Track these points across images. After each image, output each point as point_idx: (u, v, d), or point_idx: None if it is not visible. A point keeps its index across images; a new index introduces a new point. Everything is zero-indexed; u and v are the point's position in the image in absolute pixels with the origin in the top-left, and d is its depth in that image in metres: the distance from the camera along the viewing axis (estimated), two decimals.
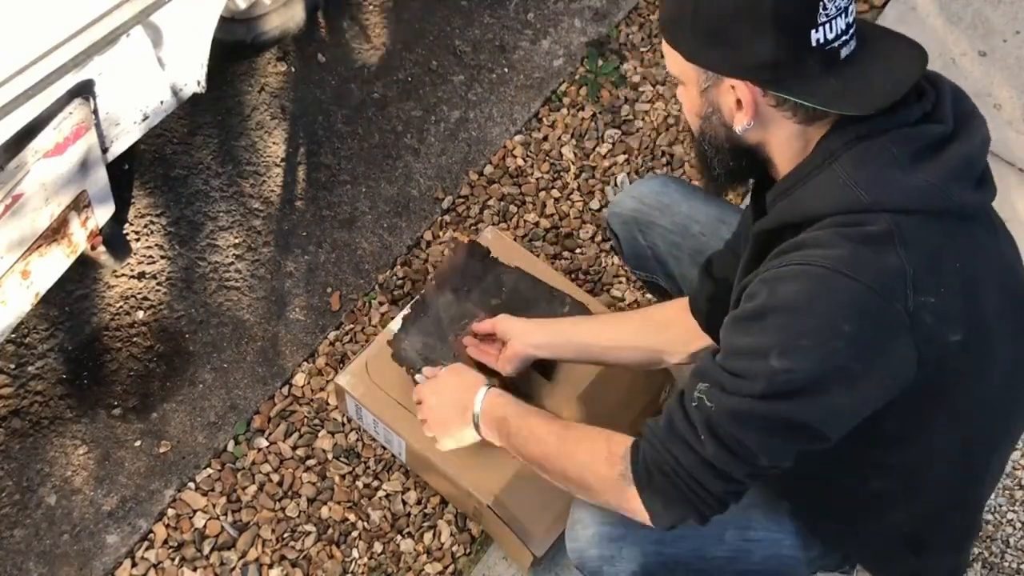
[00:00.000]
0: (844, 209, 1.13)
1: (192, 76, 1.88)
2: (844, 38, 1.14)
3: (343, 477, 2.01)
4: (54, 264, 1.76)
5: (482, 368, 1.77)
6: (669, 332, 1.61)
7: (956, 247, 1.15)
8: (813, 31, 1.11)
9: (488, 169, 2.43)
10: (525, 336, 1.71)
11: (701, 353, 1.53)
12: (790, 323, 1.12)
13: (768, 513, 1.47)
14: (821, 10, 1.10)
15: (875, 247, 1.10)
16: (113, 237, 2.01)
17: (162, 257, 2.21)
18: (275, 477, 2.00)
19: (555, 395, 1.88)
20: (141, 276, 2.18)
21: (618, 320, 1.83)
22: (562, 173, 2.43)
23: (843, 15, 1.13)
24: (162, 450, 2.02)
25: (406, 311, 1.94)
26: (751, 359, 1.14)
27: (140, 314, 2.14)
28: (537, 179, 2.42)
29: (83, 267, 2.12)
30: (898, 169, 1.12)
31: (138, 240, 2.20)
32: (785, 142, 1.20)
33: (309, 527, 1.96)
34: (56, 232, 1.71)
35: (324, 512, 1.98)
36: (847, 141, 1.15)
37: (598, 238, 2.34)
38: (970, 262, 1.16)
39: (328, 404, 2.08)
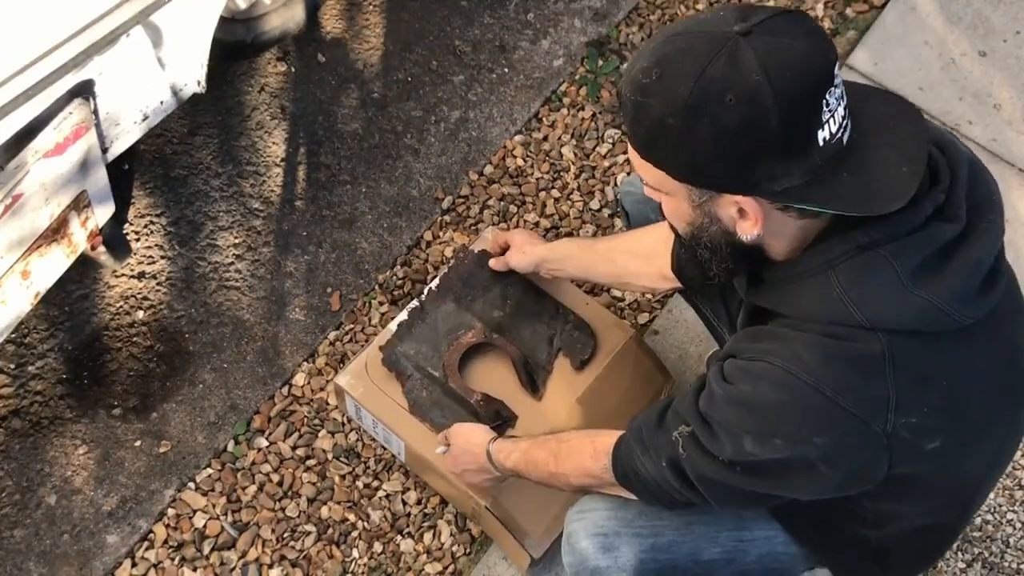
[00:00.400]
0: (837, 322, 1.09)
1: (192, 76, 1.88)
2: (845, 121, 1.05)
3: (343, 477, 2.01)
4: (54, 264, 1.76)
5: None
6: (651, 265, 1.65)
7: (948, 363, 1.12)
8: (819, 131, 1.02)
9: (488, 169, 2.43)
10: (538, 244, 1.91)
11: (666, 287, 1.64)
12: (768, 423, 1.13)
13: (760, 511, 1.48)
14: (824, 107, 1.01)
15: (864, 371, 1.08)
16: (113, 237, 2.00)
17: (162, 257, 2.21)
18: (275, 477, 2.00)
19: (554, 400, 1.89)
20: (141, 276, 2.18)
21: (606, 244, 1.83)
22: (562, 173, 2.43)
23: (841, 101, 1.04)
24: (162, 450, 2.02)
25: (403, 316, 1.95)
26: (729, 433, 1.17)
27: (140, 314, 2.14)
28: (537, 179, 2.42)
29: (83, 267, 2.12)
30: (897, 287, 1.06)
31: (138, 240, 2.20)
32: (787, 238, 1.14)
33: (309, 527, 1.96)
34: (56, 232, 1.71)
35: (324, 512, 1.98)
36: (847, 250, 1.08)
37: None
38: (962, 374, 1.13)
39: (328, 404, 2.08)
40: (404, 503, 1.99)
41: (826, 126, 1.02)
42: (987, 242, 1.10)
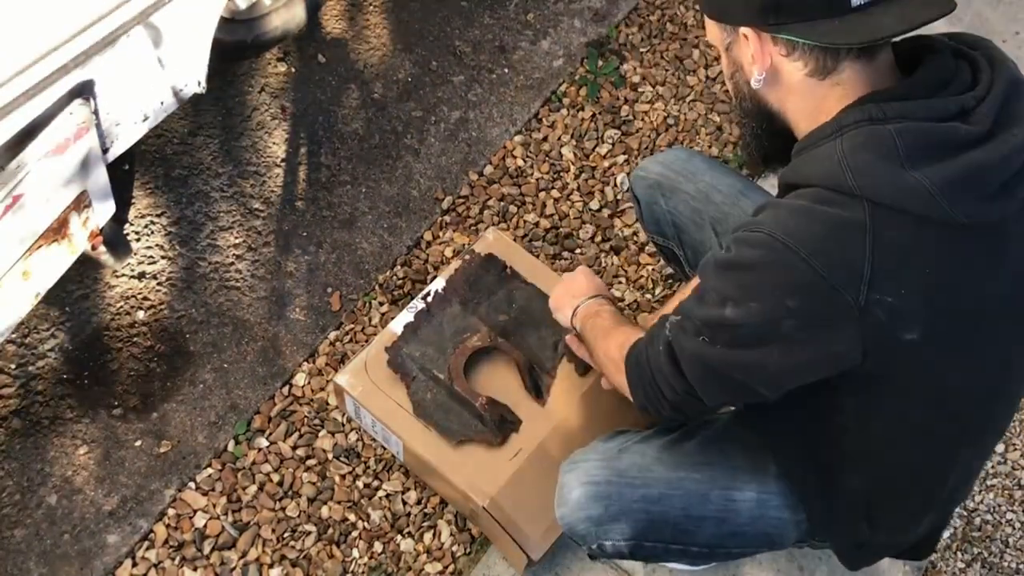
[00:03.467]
0: (830, 184, 1.13)
1: (193, 76, 1.88)
2: None
3: (343, 477, 2.01)
4: (54, 264, 1.76)
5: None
6: None
7: (935, 254, 1.12)
8: None
9: (488, 169, 2.43)
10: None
11: None
12: (745, 284, 1.18)
13: (755, 475, 1.49)
14: None
15: (841, 237, 1.11)
16: (113, 237, 2.00)
17: (162, 257, 2.21)
18: (275, 477, 2.01)
19: (557, 404, 1.89)
20: (141, 276, 2.18)
21: None
22: (562, 173, 2.43)
23: None
24: (162, 450, 2.02)
25: (409, 317, 1.95)
26: (714, 298, 1.22)
27: (140, 314, 2.14)
28: (537, 179, 2.42)
29: (83, 267, 2.13)
30: (894, 161, 1.10)
31: (138, 240, 2.21)
32: (800, 101, 1.21)
33: (309, 527, 1.96)
34: (56, 232, 1.71)
35: (324, 512, 1.98)
36: (858, 120, 1.13)
37: (598, 238, 2.34)
38: (951, 272, 1.14)
39: (328, 404, 2.08)
40: (404, 503, 1.99)
41: None
42: (1004, 149, 1.12)
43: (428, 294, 1.98)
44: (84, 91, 1.64)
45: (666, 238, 1.87)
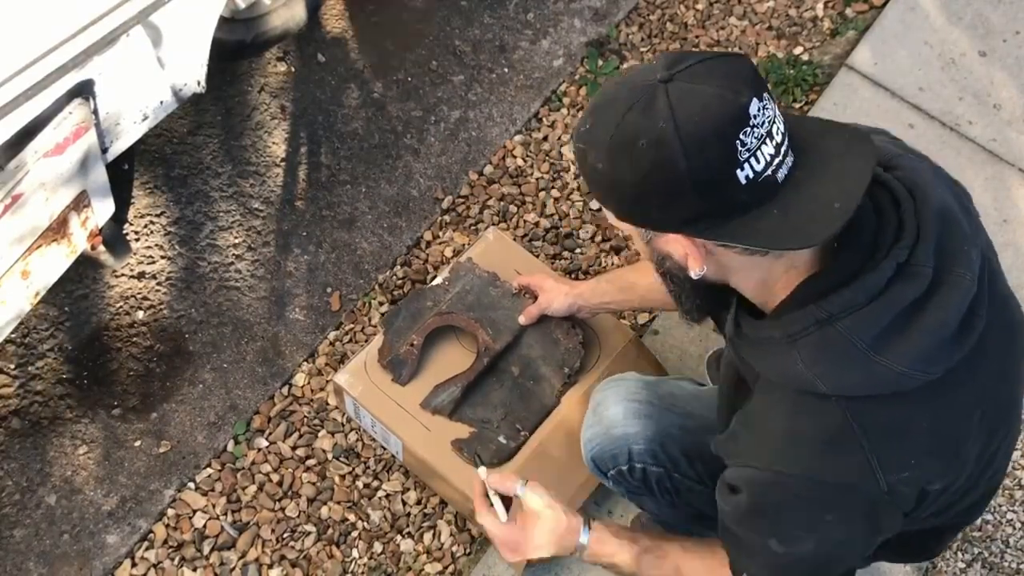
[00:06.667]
0: (802, 388, 1.11)
1: (192, 76, 1.88)
2: (777, 160, 1.04)
3: (343, 477, 2.01)
4: (54, 264, 1.76)
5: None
6: None
7: (926, 413, 1.12)
8: (738, 170, 1.03)
9: (488, 169, 2.43)
10: (569, 286, 1.86)
11: None
12: (779, 522, 1.19)
13: None
14: (740, 147, 1.02)
15: (835, 444, 1.11)
16: (113, 237, 2.00)
17: (162, 257, 2.21)
18: (275, 477, 2.00)
19: (566, 399, 1.89)
20: (141, 276, 2.18)
21: (644, 282, 1.74)
22: (562, 173, 2.43)
23: (768, 139, 1.04)
24: (162, 450, 2.02)
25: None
26: (757, 546, 1.21)
27: (140, 314, 2.14)
28: (537, 179, 2.42)
29: (83, 267, 2.12)
30: (858, 358, 1.07)
31: (138, 240, 2.20)
32: (746, 278, 1.16)
33: (309, 527, 1.96)
34: (56, 232, 1.71)
35: (324, 512, 1.97)
36: (806, 326, 1.09)
37: (598, 238, 2.34)
38: (944, 419, 1.13)
39: (328, 404, 2.08)
40: (404, 503, 1.99)
41: (747, 165, 1.03)
42: (955, 296, 1.09)
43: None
44: (83, 91, 1.64)
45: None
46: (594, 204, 2.38)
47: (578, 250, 2.31)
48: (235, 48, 2.26)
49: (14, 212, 1.58)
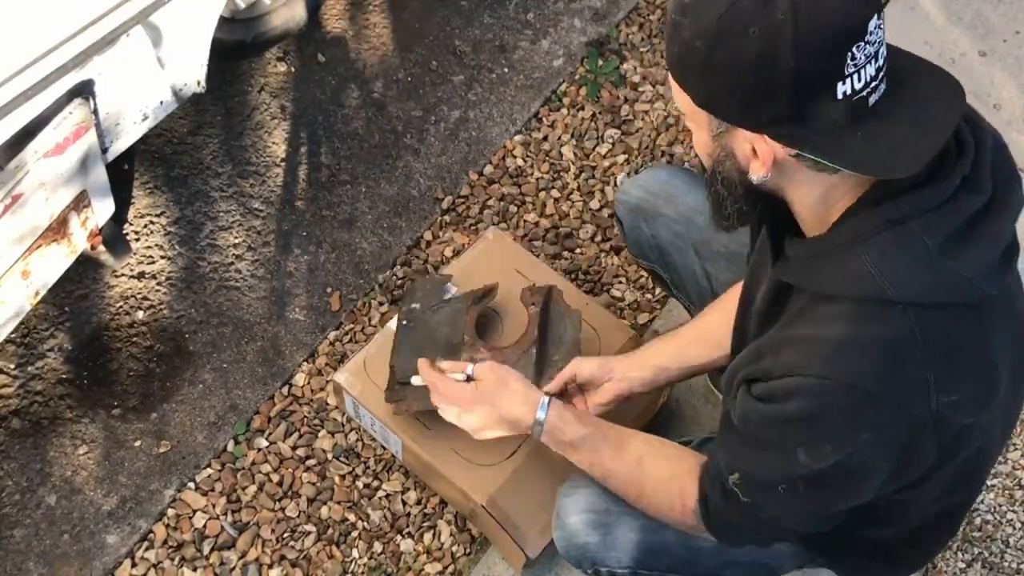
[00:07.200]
0: (868, 298, 1.08)
1: (192, 76, 1.88)
2: (873, 83, 1.03)
3: (343, 477, 2.01)
4: (54, 264, 1.76)
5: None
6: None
7: (977, 335, 1.11)
8: (840, 83, 1.00)
9: (488, 169, 2.43)
10: (627, 371, 1.62)
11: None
12: (814, 431, 1.13)
13: None
14: (849, 60, 0.99)
15: (897, 355, 1.06)
16: (113, 237, 2.00)
17: (162, 257, 2.21)
18: (275, 477, 2.00)
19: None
20: (141, 276, 2.18)
21: (704, 327, 1.64)
22: (562, 173, 2.43)
23: (873, 60, 1.01)
24: (162, 450, 2.02)
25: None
26: (780, 452, 1.16)
27: (140, 314, 2.14)
28: (537, 179, 2.42)
29: (83, 267, 2.12)
30: (929, 260, 1.05)
31: (138, 240, 2.20)
32: (806, 193, 1.13)
33: (309, 527, 1.96)
34: (56, 232, 1.71)
35: (324, 512, 1.98)
36: (876, 226, 1.07)
37: (598, 238, 2.34)
38: (990, 347, 1.12)
39: (328, 404, 2.08)
40: (404, 503, 1.99)
41: (849, 80, 1.00)
42: (1011, 214, 1.10)
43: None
44: (83, 91, 1.64)
45: (650, 261, 1.81)
46: (594, 204, 2.38)
47: (578, 250, 2.31)
48: (235, 48, 2.26)
49: (14, 212, 1.58)
